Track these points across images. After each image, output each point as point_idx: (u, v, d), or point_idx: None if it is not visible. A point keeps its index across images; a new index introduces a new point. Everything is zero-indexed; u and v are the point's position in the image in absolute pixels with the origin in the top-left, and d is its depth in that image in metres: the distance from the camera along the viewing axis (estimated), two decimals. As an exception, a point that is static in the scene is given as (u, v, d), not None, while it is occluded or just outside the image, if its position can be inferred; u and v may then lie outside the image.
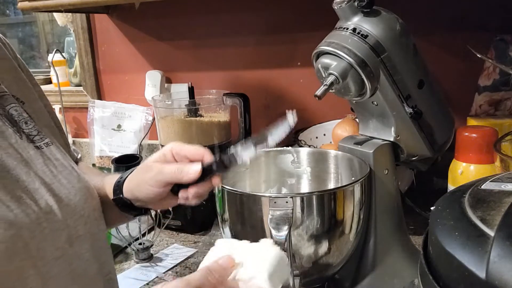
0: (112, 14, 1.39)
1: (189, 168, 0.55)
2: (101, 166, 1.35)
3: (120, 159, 1.01)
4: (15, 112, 0.53)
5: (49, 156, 0.53)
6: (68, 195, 0.51)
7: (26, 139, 0.52)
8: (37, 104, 0.60)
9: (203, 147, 0.58)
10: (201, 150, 0.57)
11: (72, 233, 0.50)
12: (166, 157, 0.58)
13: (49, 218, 0.48)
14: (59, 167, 0.53)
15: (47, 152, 0.53)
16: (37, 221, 0.46)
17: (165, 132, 1.04)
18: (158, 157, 0.59)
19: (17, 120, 0.53)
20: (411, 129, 0.66)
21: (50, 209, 0.48)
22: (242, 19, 1.24)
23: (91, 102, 1.41)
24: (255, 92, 1.19)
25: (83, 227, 0.52)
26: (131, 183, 0.61)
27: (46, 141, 0.54)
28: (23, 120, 0.54)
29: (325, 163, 0.73)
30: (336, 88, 0.62)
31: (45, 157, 0.52)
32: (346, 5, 0.62)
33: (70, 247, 0.50)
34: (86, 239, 0.52)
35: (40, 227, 0.47)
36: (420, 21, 1.01)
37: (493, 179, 0.37)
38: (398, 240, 0.69)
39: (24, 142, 0.51)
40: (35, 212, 0.46)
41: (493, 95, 0.97)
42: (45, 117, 0.61)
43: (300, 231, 0.57)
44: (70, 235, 0.50)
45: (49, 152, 0.53)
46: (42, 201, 0.48)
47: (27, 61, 1.98)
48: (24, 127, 0.53)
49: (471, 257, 0.28)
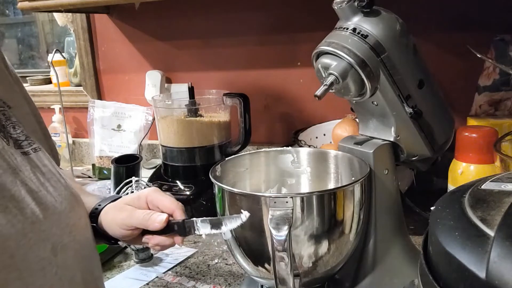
0: (112, 14, 1.39)
1: (156, 217, 0.59)
2: (101, 166, 1.35)
3: (120, 159, 1.01)
4: (2, 116, 0.51)
5: (37, 163, 0.51)
6: (54, 203, 0.50)
7: (14, 145, 0.50)
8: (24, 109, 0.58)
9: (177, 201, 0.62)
10: (173, 204, 0.61)
11: (57, 242, 0.49)
12: (140, 202, 0.62)
13: (34, 228, 0.46)
14: (47, 174, 0.52)
15: (34, 158, 0.51)
16: (22, 231, 0.45)
17: (165, 132, 1.05)
18: (131, 200, 0.63)
19: (4, 125, 0.51)
20: (411, 129, 0.66)
21: (36, 218, 0.47)
22: (242, 19, 1.24)
23: (91, 102, 1.41)
24: (255, 92, 1.19)
25: (68, 236, 0.51)
26: (105, 219, 0.63)
27: (34, 146, 0.53)
28: (11, 125, 0.52)
29: (325, 163, 0.73)
30: (336, 88, 0.62)
31: (33, 164, 0.51)
32: (346, 5, 0.62)
33: (55, 257, 0.48)
34: (70, 248, 0.51)
35: (26, 238, 0.45)
36: (420, 21, 1.01)
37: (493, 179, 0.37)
38: (398, 240, 0.69)
39: (11, 148, 0.49)
40: (21, 222, 0.45)
41: (493, 95, 0.97)
42: (31, 122, 0.59)
43: (300, 231, 0.57)
44: (55, 245, 0.49)
45: (37, 158, 0.52)
46: (28, 210, 0.46)
47: (26, 61, 1.98)
48: (12, 131, 0.51)
49: (471, 257, 0.28)
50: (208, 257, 0.86)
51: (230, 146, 1.06)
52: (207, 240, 0.92)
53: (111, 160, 1.02)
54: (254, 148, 1.16)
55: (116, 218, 0.61)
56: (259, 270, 0.62)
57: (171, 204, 0.61)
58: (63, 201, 0.52)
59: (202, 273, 0.81)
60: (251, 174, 0.74)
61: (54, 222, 0.49)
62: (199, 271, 0.82)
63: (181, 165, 1.03)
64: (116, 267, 0.85)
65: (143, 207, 0.62)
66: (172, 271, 0.82)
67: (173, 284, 0.78)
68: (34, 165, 0.51)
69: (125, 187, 0.87)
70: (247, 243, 0.61)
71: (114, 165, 1.00)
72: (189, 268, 0.83)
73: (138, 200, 0.62)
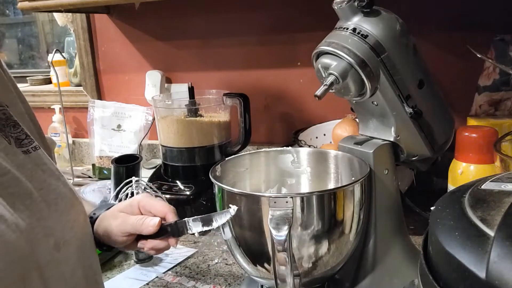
0: (112, 14, 1.39)
1: (149, 221, 0.60)
2: (101, 166, 1.35)
3: (120, 159, 1.01)
4: (3, 116, 0.52)
5: (37, 161, 0.52)
6: (56, 200, 0.51)
7: (15, 144, 0.51)
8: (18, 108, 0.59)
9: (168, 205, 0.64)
10: (165, 208, 0.63)
11: (59, 238, 0.50)
12: (132, 208, 0.64)
13: (40, 224, 0.48)
14: (47, 171, 0.53)
15: (35, 157, 0.52)
16: (30, 226, 0.46)
17: (165, 132, 1.04)
18: (124, 207, 0.64)
19: (5, 124, 0.52)
20: (411, 129, 0.66)
21: (41, 214, 0.48)
22: (242, 19, 1.24)
23: (91, 102, 1.41)
24: (255, 92, 1.19)
25: (69, 232, 0.52)
26: (100, 226, 0.64)
27: (34, 145, 0.53)
28: (11, 124, 0.53)
29: (325, 163, 0.73)
30: (336, 88, 0.62)
31: (34, 162, 0.52)
32: (346, 5, 0.62)
33: (58, 252, 0.50)
34: (72, 244, 0.52)
35: (33, 233, 0.46)
36: (420, 21, 1.01)
37: (493, 179, 0.37)
38: (398, 240, 0.69)
39: (13, 148, 0.50)
40: (29, 217, 0.46)
41: (493, 95, 0.97)
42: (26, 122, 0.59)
43: (300, 231, 0.57)
44: (58, 240, 0.50)
45: (37, 157, 0.53)
46: (34, 207, 0.48)
47: (26, 61, 1.99)
48: (13, 131, 0.52)
49: (471, 257, 0.28)
50: (208, 257, 0.86)
51: (230, 146, 1.06)
52: (207, 240, 0.92)
53: (111, 160, 1.02)
54: (254, 148, 1.16)
55: (111, 225, 0.62)
56: (259, 270, 0.62)
57: (162, 208, 0.63)
58: (64, 198, 0.53)
59: (202, 273, 0.81)
60: (251, 174, 0.74)
61: (57, 218, 0.51)
62: (199, 271, 0.82)
63: (181, 165, 1.03)
64: (116, 267, 0.85)
65: (136, 213, 0.63)
66: (172, 271, 0.82)
67: (173, 284, 0.78)
68: (35, 163, 0.52)
69: (125, 187, 0.87)
70: (247, 243, 0.61)
71: (114, 165, 1.00)
72: (189, 268, 0.83)
73: (131, 207, 0.64)
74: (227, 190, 0.61)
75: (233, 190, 0.60)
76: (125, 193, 0.86)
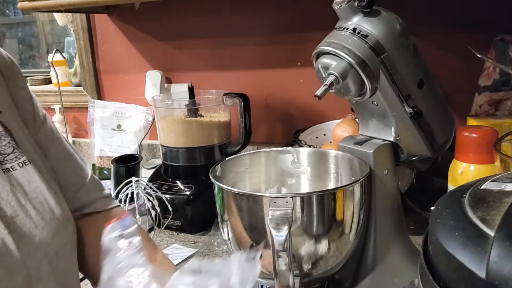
0: (112, 14, 1.39)
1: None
2: (101, 166, 1.35)
3: (120, 159, 1.01)
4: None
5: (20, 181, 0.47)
6: (33, 230, 0.46)
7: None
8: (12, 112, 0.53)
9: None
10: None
11: (32, 274, 0.45)
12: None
13: (3, 260, 0.42)
14: (31, 193, 0.47)
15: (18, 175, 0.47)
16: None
17: (165, 132, 1.04)
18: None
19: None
20: (411, 129, 0.66)
21: (7, 250, 0.43)
22: (242, 19, 1.24)
23: (91, 102, 1.41)
24: (255, 92, 1.19)
25: (47, 267, 0.47)
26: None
27: (23, 159, 0.48)
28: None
29: (325, 163, 0.73)
30: (336, 88, 0.62)
31: (14, 183, 0.46)
32: (346, 5, 0.62)
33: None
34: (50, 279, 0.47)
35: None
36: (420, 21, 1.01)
37: (493, 179, 0.37)
38: (398, 240, 0.69)
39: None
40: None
41: (493, 95, 0.97)
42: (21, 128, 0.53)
43: (300, 231, 0.57)
44: (29, 277, 0.45)
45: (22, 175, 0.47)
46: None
47: (26, 61, 1.98)
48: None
49: (471, 257, 0.28)
50: (208, 257, 0.86)
51: (230, 146, 1.06)
52: (207, 240, 0.92)
53: (111, 160, 1.02)
54: (254, 148, 1.16)
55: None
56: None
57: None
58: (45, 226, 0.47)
59: (202, 273, 0.81)
60: (251, 174, 0.74)
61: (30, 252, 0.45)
62: (199, 271, 0.82)
63: (181, 165, 1.03)
64: (116, 267, 0.85)
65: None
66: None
67: (173, 284, 0.78)
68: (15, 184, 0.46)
69: (125, 187, 0.87)
70: (247, 243, 0.61)
71: (114, 165, 1.00)
72: (189, 268, 0.83)
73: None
74: (227, 190, 0.61)
75: (233, 190, 0.60)
76: (125, 193, 0.86)
